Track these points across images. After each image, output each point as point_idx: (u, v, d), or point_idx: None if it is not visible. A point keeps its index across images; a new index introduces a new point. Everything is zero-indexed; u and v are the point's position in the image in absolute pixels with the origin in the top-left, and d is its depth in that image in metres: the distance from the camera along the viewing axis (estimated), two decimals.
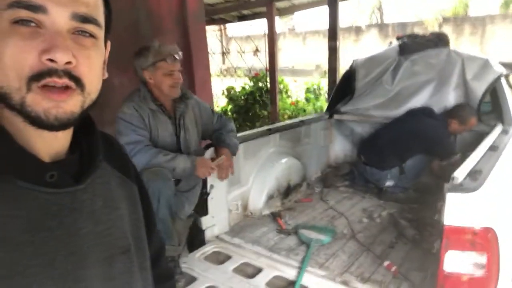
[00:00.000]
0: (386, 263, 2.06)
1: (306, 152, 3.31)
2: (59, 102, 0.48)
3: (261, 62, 5.94)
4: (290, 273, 1.99)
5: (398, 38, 3.37)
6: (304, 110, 6.09)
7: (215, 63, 7.64)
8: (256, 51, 5.87)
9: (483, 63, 2.85)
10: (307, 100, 6.47)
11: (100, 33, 0.54)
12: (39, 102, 0.48)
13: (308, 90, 6.76)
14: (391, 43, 3.53)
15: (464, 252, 1.48)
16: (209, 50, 6.51)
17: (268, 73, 5.72)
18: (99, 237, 0.57)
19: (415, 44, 3.21)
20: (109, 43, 0.59)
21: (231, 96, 6.30)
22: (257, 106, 6.04)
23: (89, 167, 0.57)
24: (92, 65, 0.52)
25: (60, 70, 0.47)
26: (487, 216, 1.51)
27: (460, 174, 1.63)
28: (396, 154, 3.02)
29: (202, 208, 2.26)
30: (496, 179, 1.69)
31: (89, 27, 0.51)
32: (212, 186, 2.28)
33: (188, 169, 1.96)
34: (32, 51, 0.46)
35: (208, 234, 2.36)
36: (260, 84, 6.06)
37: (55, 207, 0.52)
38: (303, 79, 11.48)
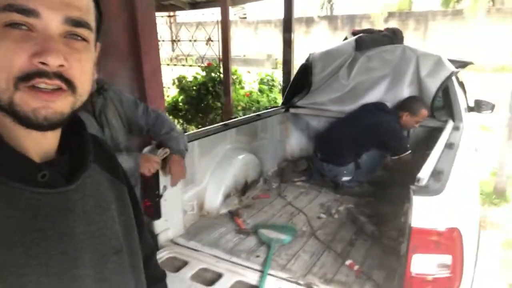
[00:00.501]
0: (348, 262, 2.03)
1: (262, 147, 3.23)
2: (49, 102, 0.48)
3: (213, 52, 5.75)
4: (252, 278, 1.89)
5: (354, 34, 3.36)
6: (258, 102, 6.00)
7: (164, 51, 7.29)
8: (209, 40, 5.66)
9: (436, 60, 2.91)
10: (261, 91, 6.38)
11: (91, 36, 0.54)
12: (27, 102, 0.48)
13: (261, 81, 6.67)
14: (346, 38, 3.53)
15: (430, 254, 1.48)
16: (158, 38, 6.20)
17: (221, 63, 5.54)
18: (91, 237, 0.57)
19: (371, 40, 3.21)
20: (98, 44, 0.59)
21: (182, 86, 6.05)
22: (210, 97, 5.84)
23: (80, 167, 0.57)
24: (84, 68, 0.52)
25: (51, 72, 0.48)
26: (452, 216, 1.51)
27: (424, 175, 1.62)
28: (351, 150, 3.03)
29: (154, 211, 2.09)
30: (456, 178, 1.71)
31: (81, 31, 0.52)
32: (165, 188, 2.12)
33: (132, 168, 1.81)
34: (23, 53, 0.47)
35: (162, 239, 2.20)
36: (213, 74, 5.86)
37: (47, 207, 0.52)
38: (255, 68, 11.41)
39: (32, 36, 0.48)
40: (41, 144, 0.54)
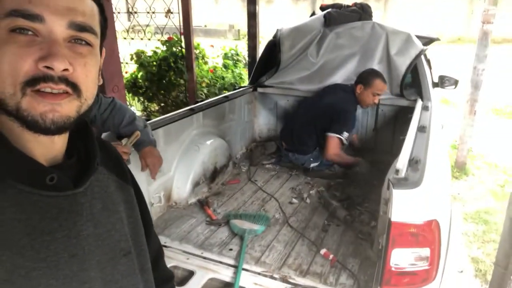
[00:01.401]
0: (322, 251, 1.99)
1: (230, 129, 3.11)
2: (55, 105, 0.49)
3: (173, 24, 5.41)
4: (226, 274, 1.82)
5: (322, 9, 3.23)
6: (223, 78, 5.79)
7: (119, 23, 6.82)
8: (169, 12, 5.31)
9: (406, 38, 2.86)
10: (226, 67, 6.15)
11: (96, 41, 0.55)
12: (35, 106, 0.48)
13: (226, 56, 6.43)
14: (313, 13, 3.39)
15: (409, 248, 1.45)
16: (115, 10, 5.77)
17: (183, 37, 5.25)
18: (99, 239, 0.58)
19: (340, 16, 3.10)
20: (104, 49, 0.60)
21: (141, 61, 5.70)
22: (172, 73, 5.56)
23: (87, 171, 0.58)
24: (89, 73, 0.53)
25: (57, 76, 0.48)
26: (430, 208, 1.48)
27: (402, 165, 1.58)
28: (312, 135, 2.99)
29: None
30: (432, 165, 1.68)
31: (86, 36, 0.52)
32: None
33: None
34: (28, 58, 0.47)
35: None
36: (174, 49, 5.55)
37: (55, 210, 0.52)
38: (217, 40, 11.03)
39: (37, 41, 0.48)
40: (48, 149, 0.55)
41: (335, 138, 2.82)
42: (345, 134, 2.82)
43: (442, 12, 12.84)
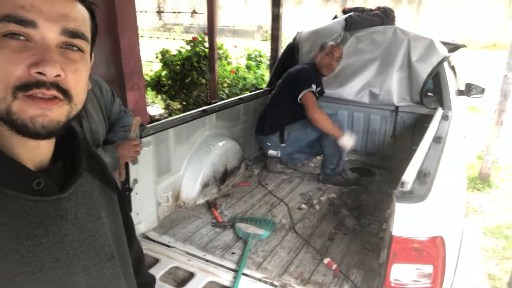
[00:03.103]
0: (326, 260, 1.95)
1: (244, 132, 3.10)
2: (45, 110, 0.49)
3: (198, 25, 5.48)
4: (225, 278, 1.80)
5: (344, 12, 3.17)
6: (245, 79, 5.79)
7: (148, 22, 6.95)
8: (194, 12, 5.36)
9: (428, 44, 2.76)
10: (248, 67, 6.15)
11: (87, 46, 0.55)
12: (26, 110, 0.48)
13: (249, 57, 6.43)
14: (336, 16, 3.33)
15: (411, 264, 1.39)
16: (141, 8, 5.87)
17: (207, 37, 5.28)
18: (84, 244, 0.58)
19: (361, 20, 3.03)
20: (93, 54, 0.60)
21: (165, 60, 5.79)
22: (195, 73, 5.61)
23: (72, 176, 0.59)
24: (79, 78, 0.53)
25: (49, 82, 0.49)
26: (435, 224, 1.42)
27: (408, 177, 1.51)
28: (272, 111, 2.94)
29: None
30: (443, 179, 1.60)
31: (78, 42, 0.53)
32: (135, 181, 1.99)
33: (110, 165, 1.61)
34: (21, 63, 0.48)
35: None
36: (198, 48, 5.60)
37: (41, 215, 0.52)
38: (244, 40, 11.07)
39: (29, 47, 0.49)
40: (36, 153, 0.55)
41: (307, 94, 2.73)
42: (314, 87, 2.76)
43: (477, 16, 12.36)
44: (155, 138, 2.14)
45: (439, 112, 2.57)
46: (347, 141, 2.74)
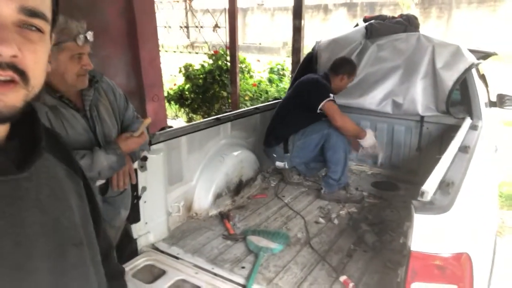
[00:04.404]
0: (342, 278, 1.81)
1: (261, 142, 3.01)
2: (0, 95, 0.47)
3: (220, 39, 5.51)
4: None
5: (365, 20, 3.07)
6: (267, 92, 5.75)
7: (177, 38, 7.07)
8: (216, 26, 5.41)
9: (454, 51, 2.61)
10: (270, 81, 6.12)
11: (47, 27, 0.53)
12: None
13: (271, 70, 6.40)
14: (357, 24, 3.24)
15: (432, 284, 1.25)
16: (166, 24, 5.99)
17: (228, 51, 5.30)
18: (47, 227, 0.55)
19: (383, 27, 2.93)
20: (53, 36, 0.57)
21: (188, 74, 5.84)
22: (217, 86, 5.63)
23: (31, 155, 0.55)
24: (38, 60, 0.51)
25: (4, 62, 0.46)
26: (460, 239, 1.27)
27: (429, 187, 1.38)
28: (281, 122, 2.83)
29: (132, 214, 1.91)
30: (470, 189, 1.46)
31: (37, 21, 0.50)
32: (144, 188, 1.93)
33: (115, 163, 1.55)
34: None
35: (142, 243, 2.02)
36: (220, 62, 5.63)
37: None
38: (270, 57, 11.10)
39: None
40: None
41: (328, 102, 2.61)
42: (331, 95, 2.65)
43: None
44: (166, 145, 2.09)
45: (467, 121, 2.41)
46: (369, 138, 2.67)
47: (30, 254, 0.51)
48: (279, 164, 2.84)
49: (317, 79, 2.75)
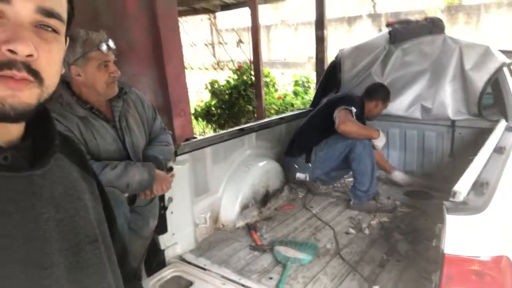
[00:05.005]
0: None
1: None
2: (15, 91, 0.48)
3: (245, 54, 5.59)
4: None
5: (388, 25, 3.03)
6: (292, 105, 5.75)
7: (201, 57, 7.24)
8: (240, 42, 5.51)
9: (484, 51, 2.52)
10: (295, 93, 6.12)
11: (63, 28, 0.54)
12: None
13: (296, 83, 6.41)
14: (380, 30, 3.20)
15: None
16: (191, 42, 6.13)
17: (252, 65, 5.36)
18: (61, 224, 0.56)
19: (406, 31, 2.87)
20: (68, 39, 0.58)
21: (214, 90, 5.93)
22: (242, 100, 5.68)
23: (45, 153, 0.56)
24: (52, 60, 0.52)
25: (20, 62, 0.47)
26: (499, 241, 1.19)
27: (462, 187, 1.31)
28: (307, 136, 2.79)
29: (159, 225, 1.92)
30: (506, 191, 1.38)
31: (53, 22, 0.51)
32: (170, 199, 1.95)
33: (146, 181, 1.59)
34: None
35: (170, 254, 2.03)
36: (245, 77, 5.69)
37: (11, 191, 0.50)
38: (295, 71, 11.14)
39: (2, 23, 0.47)
40: (3, 134, 0.53)
41: (343, 110, 2.56)
42: (354, 109, 2.57)
43: None
44: (191, 156, 2.11)
45: (502, 123, 2.29)
46: (382, 138, 2.63)
47: (44, 249, 0.52)
48: (299, 175, 2.79)
49: (350, 93, 2.76)
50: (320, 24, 4.37)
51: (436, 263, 1.93)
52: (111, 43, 1.48)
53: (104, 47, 1.47)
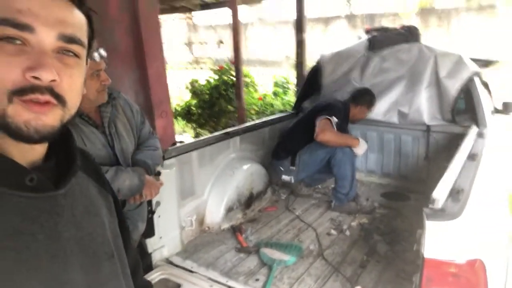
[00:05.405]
0: None
1: (270, 155, 3.05)
2: (39, 115, 0.49)
3: (228, 58, 5.61)
4: None
5: (367, 32, 3.14)
6: (272, 105, 5.82)
7: (179, 56, 7.18)
8: (220, 42, 5.51)
9: (457, 60, 2.66)
10: (275, 94, 6.19)
11: (83, 52, 0.55)
12: (21, 114, 0.48)
13: (276, 84, 6.48)
14: (359, 37, 3.30)
15: None
16: (168, 41, 6.07)
17: (233, 66, 5.39)
18: (82, 242, 0.57)
19: (385, 39, 2.98)
20: (89, 60, 0.60)
21: (194, 90, 5.93)
22: (223, 101, 5.70)
23: (67, 173, 0.58)
24: (74, 84, 0.54)
25: (43, 87, 0.49)
26: (473, 245, 1.29)
27: (439, 194, 1.40)
28: (293, 140, 2.87)
29: (147, 229, 1.94)
30: (479, 197, 1.48)
31: (74, 47, 0.53)
32: (158, 203, 1.97)
33: (136, 186, 1.62)
34: (17, 67, 0.48)
35: (157, 257, 2.05)
36: (225, 77, 5.71)
37: (36, 211, 0.52)
38: (273, 70, 11.20)
39: (25, 51, 0.48)
40: (28, 154, 0.55)
41: (324, 119, 2.63)
42: (334, 119, 2.64)
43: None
44: (178, 160, 2.14)
45: (474, 130, 2.43)
46: (362, 146, 2.69)
47: (66, 267, 0.53)
48: (285, 177, 2.87)
49: (333, 101, 2.82)
50: (300, 29, 4.43)
51: (413, 264, 2.05)
52: (102, 52, 1.50)
53: (96, 57, 1.48)
